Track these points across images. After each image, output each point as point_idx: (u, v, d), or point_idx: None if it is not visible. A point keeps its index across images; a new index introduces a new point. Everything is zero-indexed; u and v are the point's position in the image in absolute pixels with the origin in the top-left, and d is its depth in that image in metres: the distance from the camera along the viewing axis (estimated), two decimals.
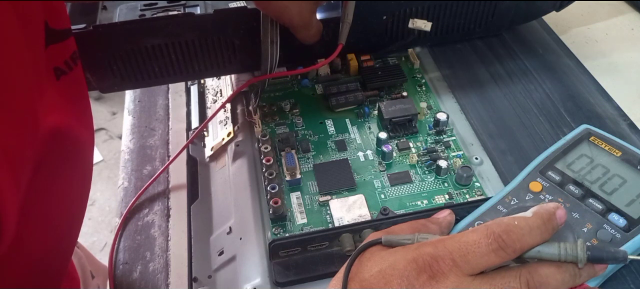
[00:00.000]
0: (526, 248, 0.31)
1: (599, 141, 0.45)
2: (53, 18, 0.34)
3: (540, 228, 0.31)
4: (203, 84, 0.62)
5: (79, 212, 0.42)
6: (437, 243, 0.31)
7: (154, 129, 0.59)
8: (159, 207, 0.51)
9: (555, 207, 0.33)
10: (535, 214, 0.32)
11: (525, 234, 0.31)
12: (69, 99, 0.37)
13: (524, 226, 0.31)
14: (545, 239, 0.32)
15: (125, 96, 0.63)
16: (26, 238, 0.33)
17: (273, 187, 0.44)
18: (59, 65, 0.36)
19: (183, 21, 0.48)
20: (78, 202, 0.41)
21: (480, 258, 0.30)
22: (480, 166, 0.48)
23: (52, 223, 0.37)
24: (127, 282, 0.45)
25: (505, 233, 0.30)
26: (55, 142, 0.34)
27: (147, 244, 0.48)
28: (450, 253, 0.30)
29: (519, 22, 0.62)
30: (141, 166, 0.54)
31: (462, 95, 0.55)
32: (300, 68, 0.54)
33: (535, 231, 0.31)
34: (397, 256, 0.32)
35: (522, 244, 0.31)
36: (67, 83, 0.37)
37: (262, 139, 0.48)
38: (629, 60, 0.62)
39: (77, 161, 0.39)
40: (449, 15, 0.56)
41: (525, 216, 0.32)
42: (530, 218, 0.32)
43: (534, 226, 0.31)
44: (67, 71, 0.37)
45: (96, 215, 1.64)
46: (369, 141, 0.50)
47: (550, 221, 0.32)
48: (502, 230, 0.30)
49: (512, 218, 0.32)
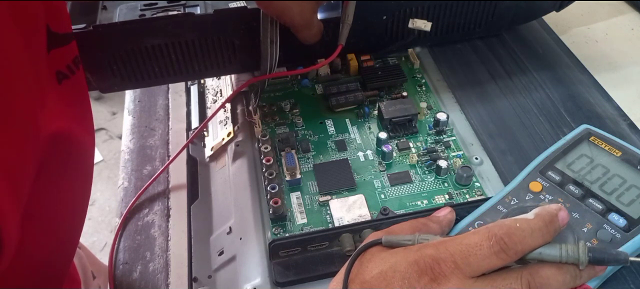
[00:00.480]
0: (528, 250, 0.31)
1: (599, 141, 0.45)
2: (55, 22, 0.34)
3: (542, 230, 0.31)
4: (203, 84, 0.62)
5: (80, 214, 0.42)
6: (438, 244, 0.31)
7: (154, 129, 0.59)
8: (159, 208, 0.51)
9: (558, 208, 0.33)
10: (537, 216, 0.32)
11: (527, 236, 0.31)
12: (70, 103, 0.37)
13: (526, 228, 0.31)
14: (547, 241, 0.31)
15: (125, 96, 0.63)
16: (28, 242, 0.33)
17: (273, 187, 0.44)
18: (61, 69, 0.36)
19: (183, 21, 0.48)
20: (79, 205, 0.41)
21: (481, 260, 0.30)
22: (480, 166, 0.48)
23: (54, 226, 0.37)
24: (127, 282, 0.45)
25: (506, 235, 0.30)
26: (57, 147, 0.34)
27: (147, 244, 0.48)
28: (452, 255, 0.30)
29: (519, 22, 0.62)
30: (141, 166, 0.54)
31: (462, 95, 0.55)
32: (300, 68, 0.54)
33: (536, 233, 0.31)
34: (398, 258, 0.31)
35: (524, 246, 0.30)
36: (69, 87, 0.37)
37: (262, 139, 0.48)
38: (629, 61, 0.62)
39: (78, 164, 0.39)
40: (449, 15, 0.56)
41: (526, 218, 0.32)
42: (532, 220, 0.31)
43: (535, 228, 0.31)
44: (69, 75, 0.37)
45: (96, 215, 1.64)
46: (369, 141, 0.50)
47: (552, 223, 0.32)
48: (503, 232, 0.30)
49: (514, 219, 0.32)
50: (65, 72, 0.37)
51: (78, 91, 0.39)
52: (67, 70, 0.37)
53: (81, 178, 0.40)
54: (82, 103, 0.39)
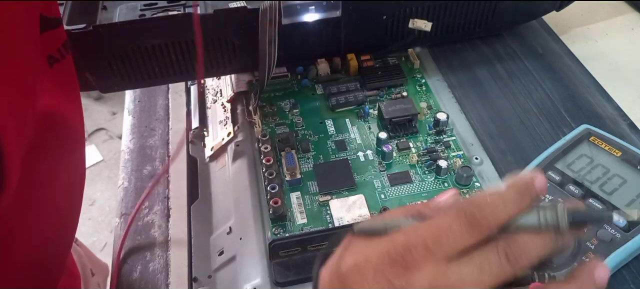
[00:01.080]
0: (502, 222, 0.29)
1: (599, 141, 0.45)
2: (46, 5, 0.35)
3: (516, 200, 0.29)
4: (203, 84, 0.62)
5: (75, 201, 0.42)
6: (409, 231, 0.30)
7: (154, 129, 0.59)
8: (159, 207, 0.51)
9: (533, 176, 0.31)
10: (510, 186, 0.30)
11: (499, 208, 0.29)
12: (61, 86, 0.37)
13: (497, 200, 0.29)
14: (522, 210, 0.30)
15: (125, 96, 0.63)
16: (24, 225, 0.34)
17: (273, 187, 0.44)
18: (53, 53, 0.37)
19: (183, 21, 0.48)
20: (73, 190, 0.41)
21: (454, 241, 0.28)
22: (480, 166, 0.48)
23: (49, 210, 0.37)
24: (127, 282, 0.45)
25: (478, 210, 0.29)
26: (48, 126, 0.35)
27: (147, 244, 0.48)
28: (423, 240, 0.28)
29: (519, 22, 0.62)
30: (141, 166, 0.54)
31: (462, 95, 0.55)
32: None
33: (510, 203, 0.29)
34: (371, 248, 0.30)
35: (497, 219, 0.29)
36: (59, 70, 0.37)
37: (262, 139, 0.48)
38: (629, 60, 0.62)
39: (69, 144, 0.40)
40: (449, 15, 0.56)
41: (499, 190, 0.30)
42: (504, 192, 0.30)
43: (508, 198, 0.29)
44: (60, 59, 0.38)
45: (96, 215, 1.64)
46: (369, 141, 0.50)
47: (528, 190, 0.30)
48: (474, 208, 0.29)
49: (485, 193, 0.30)
50: (56, 56, 0.37)
51: (68, 74, 0.39)
52: (57, 53, 0.37)
53: (73, 161, 0.41)
54: (72, 86, 0.40)
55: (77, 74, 0.40)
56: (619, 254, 0.37)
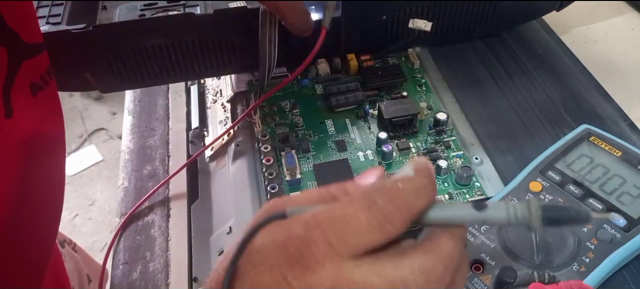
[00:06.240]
0: (416, 216, 0.24)
1: (599, 141, 0.45)
2: (25, 31, 0.34)
3: (427, 188, 0.25)
4: (203, 84, 0.62)
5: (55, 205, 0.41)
6: (309, 219, 0.24)
7: (154, 129, 0.59)
8: (159, 208, 0.51)
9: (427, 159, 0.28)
10: (418, 171, 0.25)
11: (412, 199, 0.24)
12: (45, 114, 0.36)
13: (410, 188, 0.24)
14: (431, 200, 0.25)
15: (125, 96, 0.63)
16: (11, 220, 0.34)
17: (273, 187, 0.44)
18: (36, 81, 0.36)
19: (183, 21, 0.48)
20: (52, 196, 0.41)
21: (360, 237, 0.23)
22: (480, 166, 0.48)
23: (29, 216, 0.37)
24: (127, 282, 0.45)
25: (390, 201, 0.24)
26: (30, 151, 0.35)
27: (147, 244, 0.48)
28: (324, 233, 0.23)
29: (519, 22, 0.62)
30: (141, 166, 0.54)
31: (462, 95, 0.55)
32: None
33: (422, 193, 0.25)
34: (266, 240, 0.24)
35: (411, 211, 0.24)
36: (43, 99, 0.36)
37: (262, 139, 0.48)
38: (629, 60, 0.62)
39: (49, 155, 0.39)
40: (449, 15, 0.56)
41: (407, 175, 0.25)
42: (414, 178, 0.25)
43: (420, 186, 0.25)
44: (44, 86, 0.36)
45: (96, 215, 1.64)
46: (369, 141, 0.50)
47: (433, 178, 0.26)
48: (386, 199, 0.24)
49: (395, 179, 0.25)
50: (40, 84, 0.36)
51: (52, 102, 0.38)
52: (41, 81, 0.36)
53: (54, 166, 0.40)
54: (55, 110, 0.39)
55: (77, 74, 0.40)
56: (619, 254, 0.37)
